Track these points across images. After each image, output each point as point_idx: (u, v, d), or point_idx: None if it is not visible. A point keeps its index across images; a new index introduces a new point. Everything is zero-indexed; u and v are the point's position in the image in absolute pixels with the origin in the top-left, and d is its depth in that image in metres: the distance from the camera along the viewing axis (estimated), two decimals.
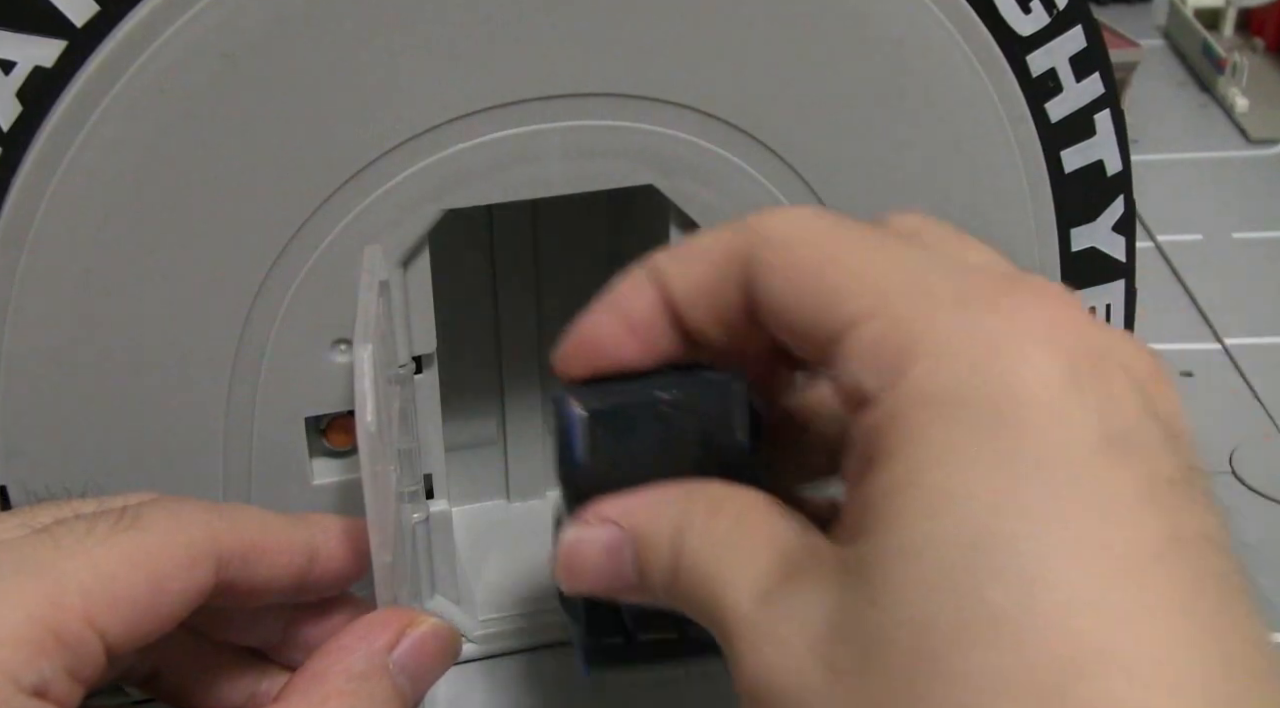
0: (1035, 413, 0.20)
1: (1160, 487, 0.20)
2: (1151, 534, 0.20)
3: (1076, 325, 0.22)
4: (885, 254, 0.23)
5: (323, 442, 0.33)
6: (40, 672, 0.23)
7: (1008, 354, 0.21)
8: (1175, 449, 0.21)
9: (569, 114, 0.30)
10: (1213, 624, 0.19)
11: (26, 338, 0.29)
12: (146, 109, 0.28)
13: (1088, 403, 0.21)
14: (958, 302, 0.22)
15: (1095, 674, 0.18)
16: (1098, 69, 0.33)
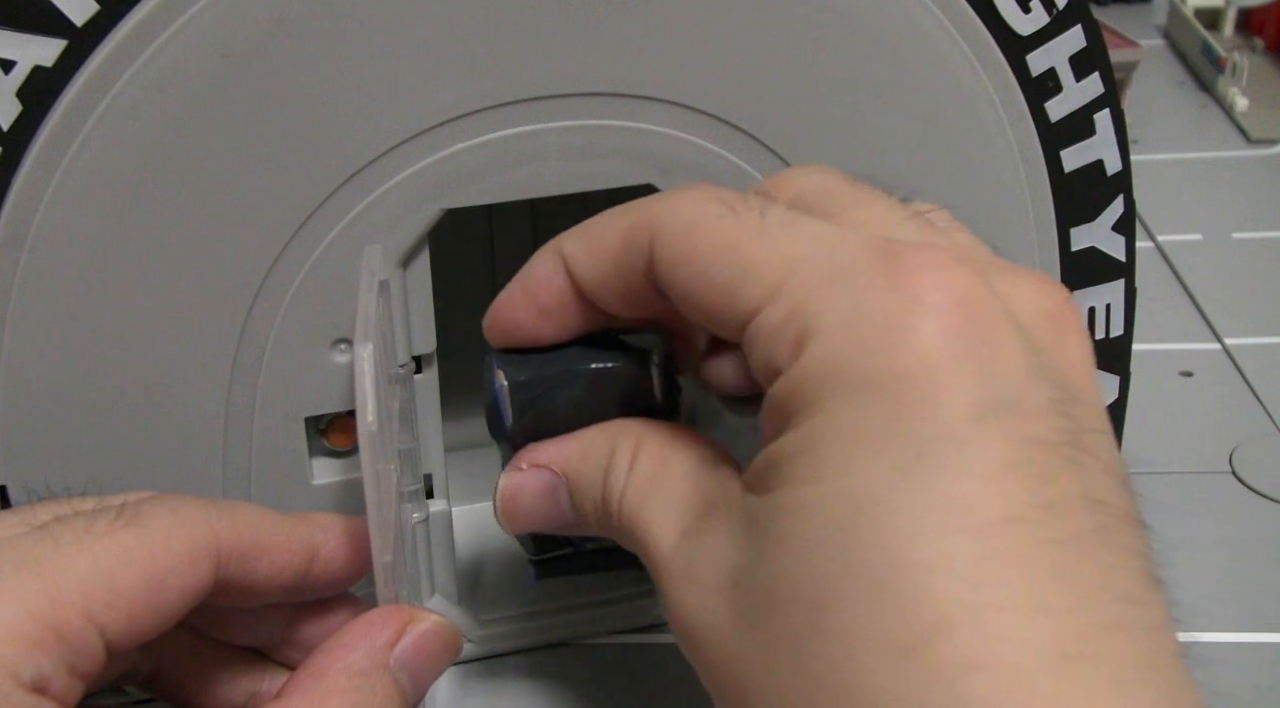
0: (913, 385, 0.21)
1: (1035, 450, 0.21)
2: (1015, 499, 0.20)
3: (964, 289, 0.22)
4: (780, 236, 0.24)
5: (323, 442, 0.33)
6: (39, 667, 0.23)
7: (891, 327, 0.22)
8: (1063, 409, 0.22)
9: (568, 114, 0.30)
10: (1074, 582, 0.20)
11: (26, 337, 0.29)
12: (146, 109, 0.28)
13: (965, 371, 0.21)
14: (846, 276, 0.23)
15: (949, 633, 0.20)
16: (1097, 69, 0.33)
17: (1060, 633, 0.20)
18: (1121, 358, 0.38)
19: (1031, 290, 0.24)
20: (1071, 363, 0.23)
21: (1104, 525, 0.21)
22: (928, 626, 0.20)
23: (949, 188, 0.33)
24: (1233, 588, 0.39)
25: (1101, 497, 0.21)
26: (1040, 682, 0.19)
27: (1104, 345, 0.37)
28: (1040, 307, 0.23)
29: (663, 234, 0.25)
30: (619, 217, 0.26)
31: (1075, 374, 0.23)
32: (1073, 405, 0.22)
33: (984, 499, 0.20)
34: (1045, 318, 0.23)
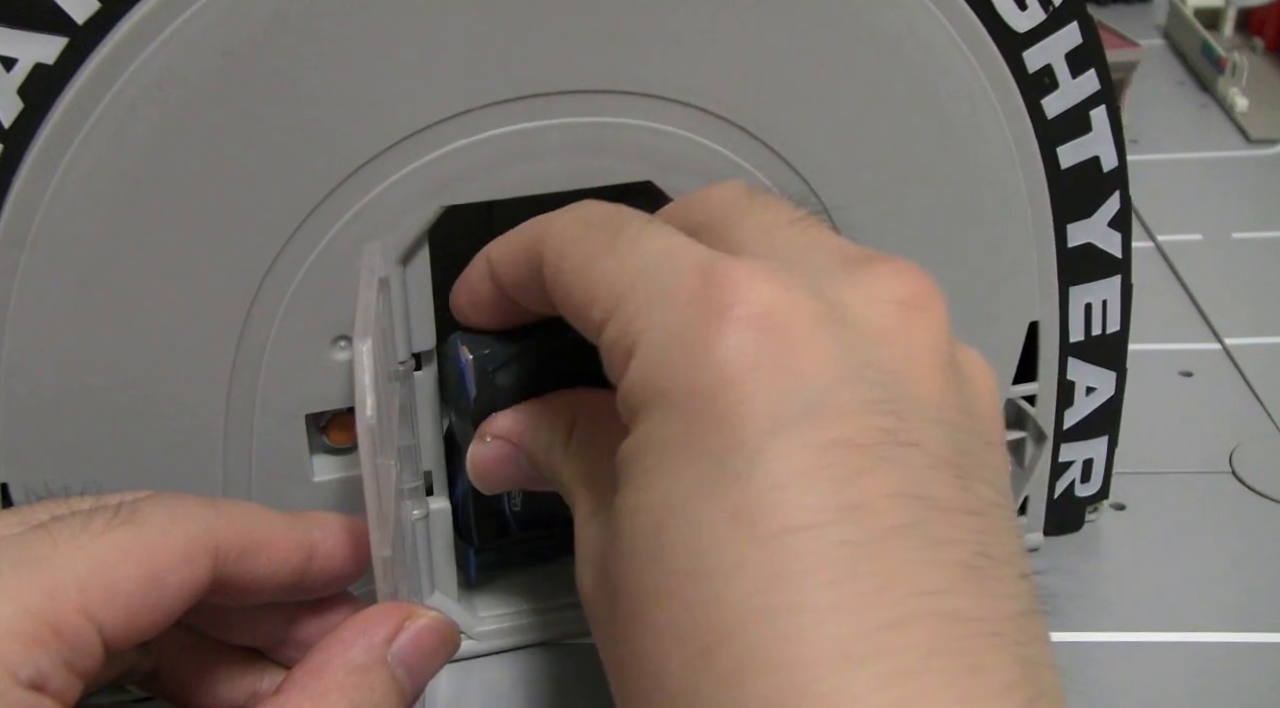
0: (712, 400, 0.22)
1: (838, 454, 0.22)
2: (809, 505, 0.21)
3: (769, 299, 0.23)
4: (624, 254, 0.25)
5: (323, 439, 0.33)
6: (38, 665, 0.23)
7: (694, 343, 0.23)
8: (883, 408, 0.22)
9: (568, 111, 0.31)
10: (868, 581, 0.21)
11: (27, 335, 0.29)
12: (147, 106, 0.28)
13: (761, 383, 0.22)
14: (667, 294, 0.24)
15: (740, 636, 0.21)
16: (1093, 65, 0.34)
17: (845, 633, 0.20)
18: (1118, 354, 0.38)
19: (880, 283, 0.24)
20: (912, 354, 0.24)
21: (919, 521, 0.22)
22: (719, 629, 0.21)
23: (946, 184, 0.34)
24: (1233, 588, 0.39)
25: (920, 492, 0.22)
26: (818, 681, 0.20)
27: (1100, 341, 0.38)
28: (889, 298, 0.24)
29: (545, 256, 0.27)
30: (521, 233, 0.28)
31: (914, 366, 0.23)
32: (897, 401, 0.23)
33: (776, 508, 0.21)
34: (894, 309, 0.24)
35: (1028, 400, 0.38)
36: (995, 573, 0.22)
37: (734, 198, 0.28)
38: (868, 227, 0.34)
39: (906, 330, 0.24)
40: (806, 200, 0.31)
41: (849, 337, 0.23)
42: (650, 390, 0.24)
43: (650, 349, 0.24)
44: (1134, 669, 0.36)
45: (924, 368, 0.24)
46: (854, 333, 0.23)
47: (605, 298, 0.25)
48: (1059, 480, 0.40)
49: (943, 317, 0.24)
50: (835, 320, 0.23)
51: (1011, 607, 0.22)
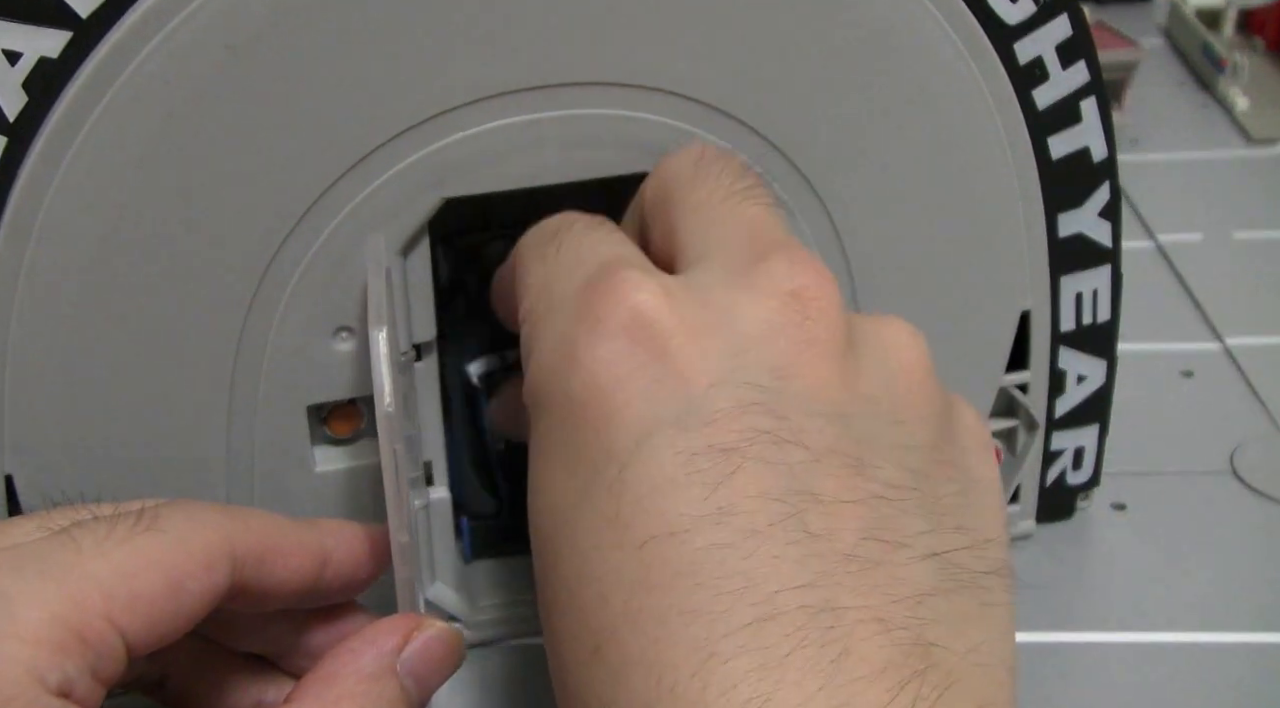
0: (585, 409, 0.24)
1: (708, 459, 0.23)
2: (675, 511, 0.23)
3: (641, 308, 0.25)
4: (551, 264, 0.28)
5: (324, 430, 0.34)
6: (65, 672, 0.24)
7: (569, 353, 0.25)
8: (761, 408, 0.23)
9: (566, 103, 0.31)
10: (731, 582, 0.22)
11: (32, 327, 0.30)
12: (151, 100, 0.29)
13: (630, 392, 0.24)
14: (559, 305, 0.26)
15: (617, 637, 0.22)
16: (1083, 57, 0.34)
17: (710, 634, 0.22)
18: (1108, 342, 0.39)
19: (771, 278, 0.25)
20: (798, 347, 0.25)
21: (792, 515, 0.22)
22: (604, 631, 0.23)
23: (938, 174, 0.35)
24: (1233, 588, 0.40)
25: (797, 487, 0.23)
26: (685, 682, 0.21)
27: (1091, 330, 0.39)
28: (776, 292, 0.25)
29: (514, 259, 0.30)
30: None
31: (800, 360, 0.24)
32: (777, 400, 0.24)
33: (646, 516, 0.23)
34: (781, 303, 0.25)
35: (1019, 389, 0.39)
36: (884, 558, 0.22)
37: (679, 172, 0.29)
38: (859, 216, 0.35)
39: (793, 324, 0.25)
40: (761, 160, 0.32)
41: (731, 340, 0.24)
42: (539, 396, 0.26)
43: (540, 355, 0.26)
44: (1134, 670, 0.37)
45: (811, 360, 0.25)
46: (738, 335, 0.25)
47: (525, 302, 0.28)
48: (1050, 469, 0.41)
49: (833, 302, 0.25)
50: (717, 325, 0.25)
51: (902, 590, 0.22)
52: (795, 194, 0.34)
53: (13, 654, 0.23)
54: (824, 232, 0.35)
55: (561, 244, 0.28)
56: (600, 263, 0.26)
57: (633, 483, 0.23)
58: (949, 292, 0.36)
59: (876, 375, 0.25)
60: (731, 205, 0.28)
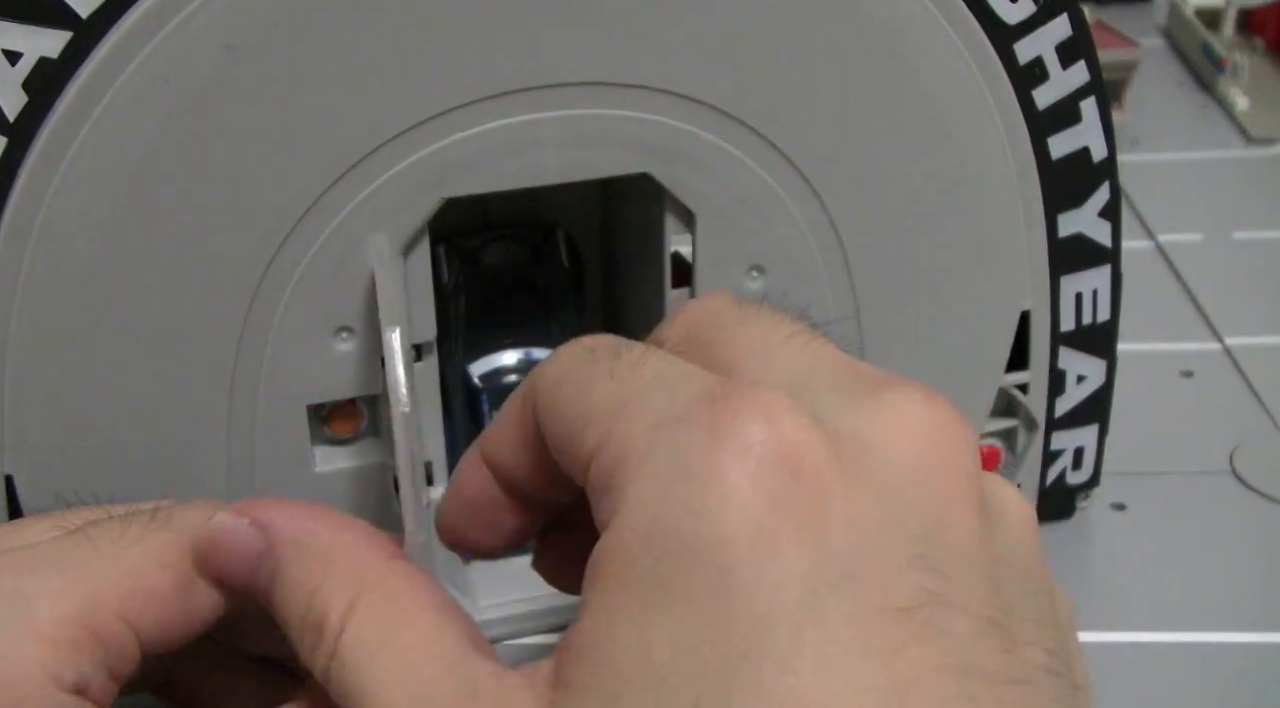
0: (732, 558, 0.20)
1: (881, 623, 0.20)
2: (848, 689, 0.19)
3: (791, 438, 0.21)
4: (624, 377, 0.23)
5: (324, 430, 0.34)
6: (80, 670, 0.24)
7: (713, 487, 0.20)
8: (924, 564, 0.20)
9: (566, 103, 0.32)
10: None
11: (32, 327, 0.30)
12: (151, 100, 0.29)
13: (791, 537, 0.20)
14: (672, 426, 0.21)
15: None
16: (1083, 57, 0.35)
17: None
18: (1108, 342, 0.39)
19: (903, 413, 0.22)
20: (947, 497, 0.22)
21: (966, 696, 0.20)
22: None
23: (938, 175, 0.35)
24: (1233, 588, 0.40)
25: (967, 662, 0.20)
26: None
27: (1091, 330, 0.39)
28: (915, 430, 0.22)
29: (540, 393, 0.25)
30: (516, 392, 0.26)
31: (949, 511, 0.21)
32: (938, 555, 0.21)
33: (820, 692, 0.19)
34: (921, 444, 0.22)
35: (1019, 389, 0.39)
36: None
37: (721, 309, 0.26)
38: (858, 216, 0.35)
39: (938, 469, 0.22)
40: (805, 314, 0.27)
41: (877, 479, 0.21)
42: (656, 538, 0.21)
43: (647, 485, 0.21)
44: (1134, 670, 0.37)
45: (960, 513, 0.22)
46: (882, 474, 0.21)
47: (601, 420, 0.23)
48: (1050, 469, 0.41)
49: (973, 450, 0.22)
50: (860, 459, 0.21)
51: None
52: (794, 194, 0.34)
53: (29, 653, 0.23)
54: (823, 231, 0.35)
55: (636, 361, 0.23)
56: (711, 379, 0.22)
57: (809, 650, 0.19)
58: (949, 292, 0.36)
59: (1001, 535, 0.22)
60: (802, 342, 0.24)
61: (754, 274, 0.35)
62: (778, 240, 0.35)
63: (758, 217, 0.34)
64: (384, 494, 0.35)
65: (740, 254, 0.35)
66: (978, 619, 0.20)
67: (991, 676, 0.20)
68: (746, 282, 0.35)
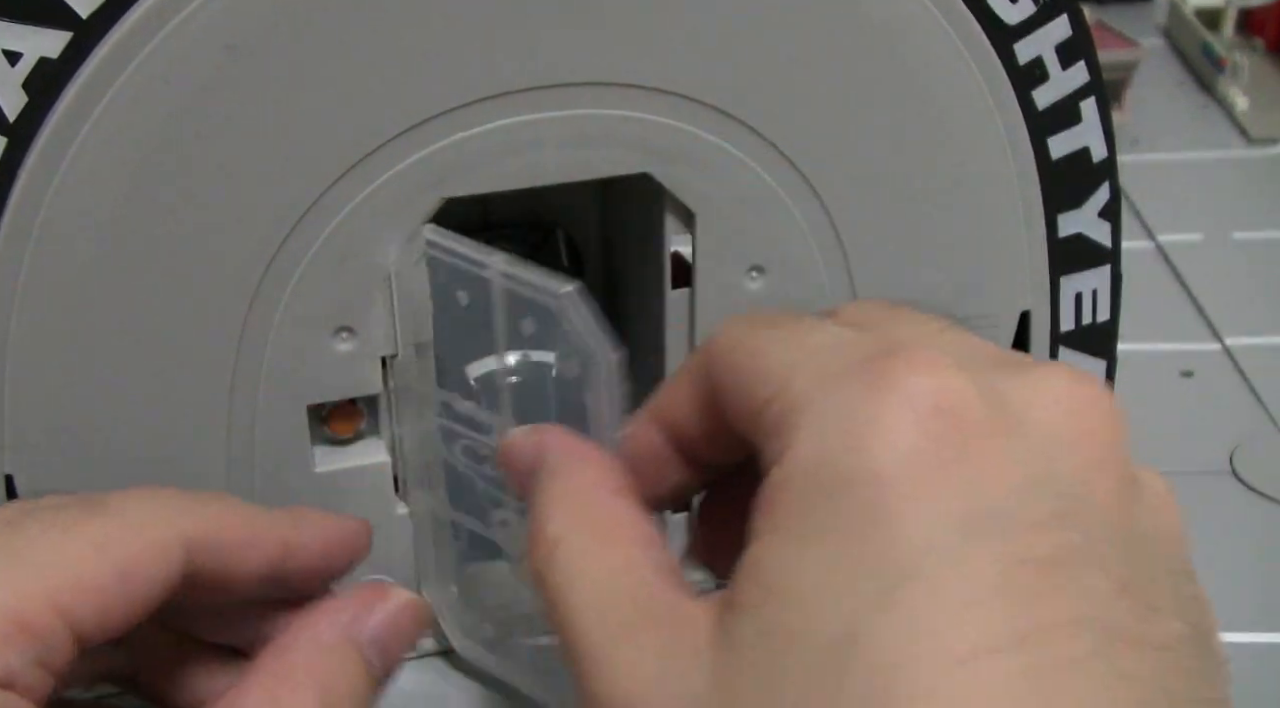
0: (894, 498, 0.21)
1: (1023, 571, 0.21)
2: (996, 627, 0.20)
3: (950, 390, 0.22)
4: (800, 340, 0.25)
5: (325, 430, 0.34)
6: (7, 663, 0.23)
7: (876, 433, 0.22)
8: (1067, 522, 0.21)
9: (567, 103, 0.32)
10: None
11: (32, 326, 0.30)
12: (151, 100, 0.29)
13: (948, 483, 0.21)
14: (840, 377, 0.23)
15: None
16: (1083, 57, 0.35)
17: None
18: (1108, 343, 0.39)
19: (1053, 389, 0.23)
20: (1092, 464, 0.22)
21: (1100, 651, 0.20)
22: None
23: (938, 175, 0.35)
24: (1233, 588, 0.39)
25: (1104, 618, 0.21)
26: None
27: (1090, 331, 0.39)
28: (1063, 401, 0.23)
29: (717, 356, 0.26)
30: (689, 358, 0.28)
31: (1094, 477, 0.22)
32: (1081, 515, 0.22)
33: (964, 629, 0.20)
34: (1069, 414, 0.23)
35: None
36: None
37: (879, 308, 0.27)
38: (858, 216, 0.35)
39: (1084, 438, 0.23)
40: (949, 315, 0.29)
41: (1028, 441, 0.22)
42: (816, 473, 0.22)
43: (814, 429, 0.23)
44: None
45: (1104, 481, 0.22)
46: (1030, 436, 0.22)
47: (776, 375, 0.24)
48: None
49: (1120, 427, 0.23)
50: (1012, 421, 0.22)
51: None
52: (794, 194, 0.34)
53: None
54: (823, 231, 0.35)
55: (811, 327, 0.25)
56: (878, 342, 0.24)
57: (955, 590, 0.21)
58: (949, 292, 0.36)
59: (1145, 512, 0.23)
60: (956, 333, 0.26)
61: (754, 274, 0.35)
62: (778, 240, 0.35)
63: (758, 217, 0.35)
64: (384, 494, 0.35)
65: (740, 254, 0.35)
66: (1117, 582, 0.21)
67: (1130, 636, 0.21)
68: (746, 282, 0.35)
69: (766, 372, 0.25)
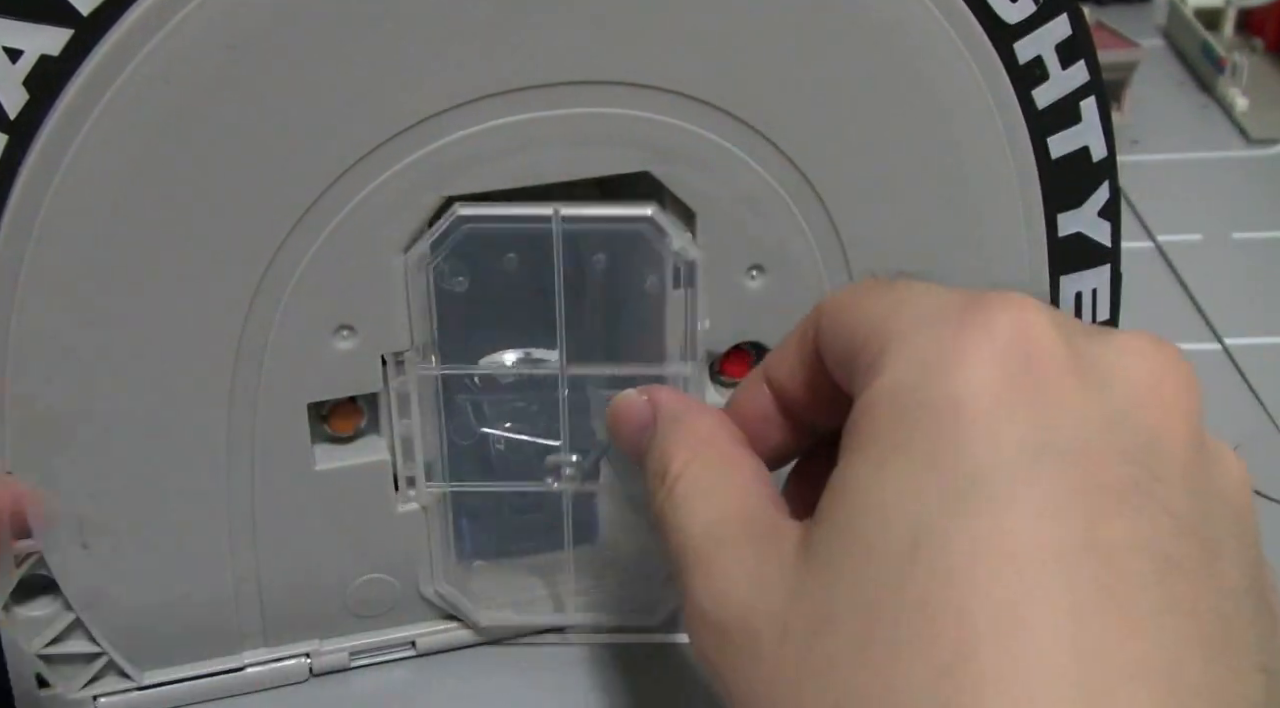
0: (969, 419, 0.23)
1: (1089, 493, 0.22)
2: (1061, 537, 0.22)
3: (1032, 330, 0.24)
4: (897, 294, 0.27)
5: (325, 428, 0.34)
6: None
7: (959, 362, 0.24)
8: (1135, 459, 0.23)
9: (568, 102, 0.32)
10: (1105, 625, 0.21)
11: (32, 325, 0.30)
12: (151, 98, 0.29)
13: (1022, 406, 0.23)
14: (932, 318, 0.25)
15: (978, 655, 0.21)
16: (1083, 56, 0.35)
17: (1081, 672, 0.21)
18: None
19: (1137, 349, 0.25)
20: (1167, 419, 0.24)
21: (1161, 579, 0.22)
22: (962, 647, 0.22)
23: (938, 174, 0.35)
24: None
25: (1165, 551, 0.22)
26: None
27: None
28: (1144, 365, 0.24)
29: (824, 313, 0.29)
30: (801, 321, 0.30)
31: (1168, 430, 0.24)
32: (1151, 458, 0.23)
33: (1030, 534, 0.22)
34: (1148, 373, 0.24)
35: None
36: (1229, 659, 0.22)
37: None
38: (859, 215, 0.35)
39: (1161, 395, 0.24)
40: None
41: (1105, 391, 0.24)
42: (900, 396, 0.24)
43: (904, 358, 0.25)
44: None
45: (1178, 438, 0.24)
46: (1108, 385, 0.24)
47: (874, 319, 0.26)
48: None
49: (1197, 392, 0.25)
50: (1090, 367, 0.24)
51: (1242, 693, 0.22)
52: (794, 193, 0.34)
53: None
54: (823, 231, 0.35)
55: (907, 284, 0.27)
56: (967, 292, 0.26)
57: (1024, 501, 0.22)
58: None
59: (1219, 481, 0.24)
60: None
61: (754, 274, 0.35)
62: (778, 240, 0.35)
63: (758, 216, 0.35)
64: (384, 493, 0.36)
65: (740, 254, 0.35)
66: (1181, 522, 0.23)
67: (1190, 572, 0.22)
68: (746, 281, 0.36)
69: (866, 318, 0.27)
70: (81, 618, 0.34)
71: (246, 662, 0.37)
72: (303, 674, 0.37)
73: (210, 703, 0.37)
